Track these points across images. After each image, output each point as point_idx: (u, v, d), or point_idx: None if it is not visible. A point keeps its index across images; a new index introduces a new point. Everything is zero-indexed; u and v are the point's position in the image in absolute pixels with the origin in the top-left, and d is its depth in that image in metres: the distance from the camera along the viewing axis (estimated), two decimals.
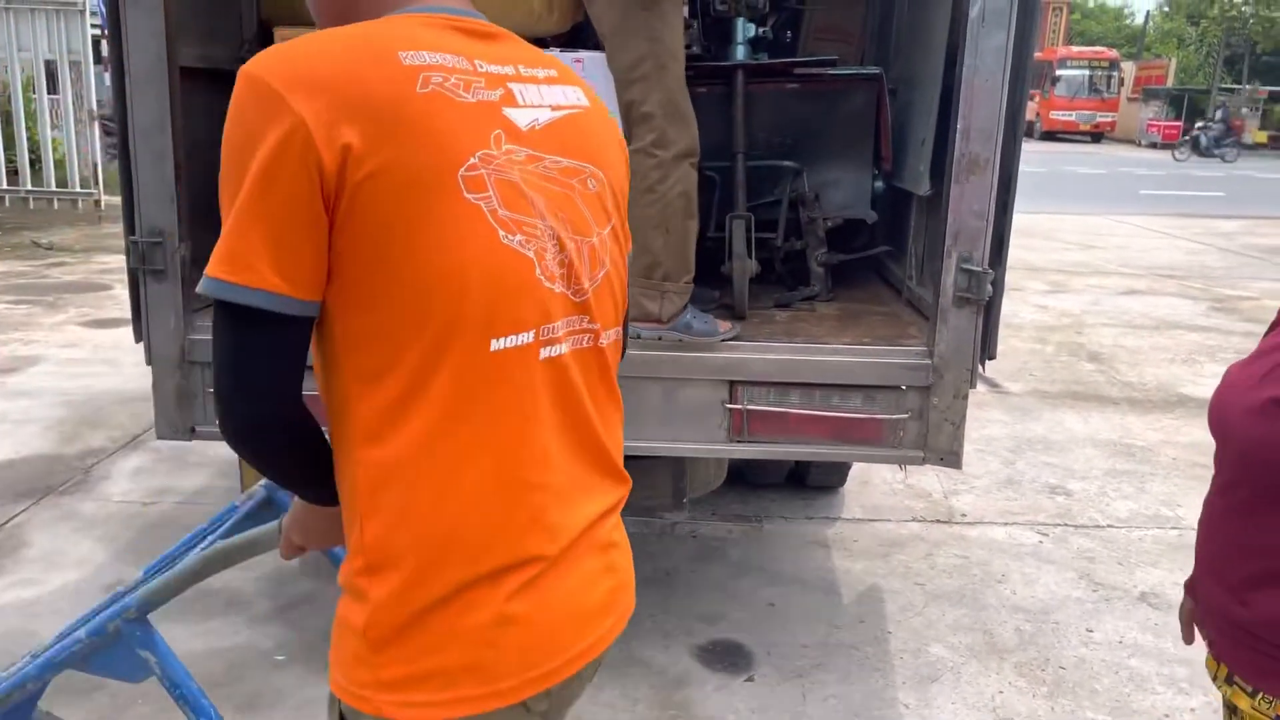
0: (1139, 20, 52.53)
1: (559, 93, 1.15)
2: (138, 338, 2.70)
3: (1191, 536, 4.21)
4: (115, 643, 1.59)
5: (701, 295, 2.76)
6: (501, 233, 1.02)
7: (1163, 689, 2.99)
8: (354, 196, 0.95)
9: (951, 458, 2.59)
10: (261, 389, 1.00)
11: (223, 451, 4.43)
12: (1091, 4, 53.11)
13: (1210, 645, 1.43)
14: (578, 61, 2.55)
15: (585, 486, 1.15)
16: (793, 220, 3.14)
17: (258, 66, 0.97)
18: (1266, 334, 1.43)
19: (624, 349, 1.27)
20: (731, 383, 2.58)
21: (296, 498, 1.25)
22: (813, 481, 4.17)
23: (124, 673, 1.67)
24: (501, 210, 1.02)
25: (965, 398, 2.57)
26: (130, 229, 2.58)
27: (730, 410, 2.59)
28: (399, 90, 0.97)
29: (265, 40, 3.11)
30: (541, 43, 2.62)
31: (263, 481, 1.99)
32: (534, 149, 1.07)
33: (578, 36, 2.65)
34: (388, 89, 0.97)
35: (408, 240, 0.97)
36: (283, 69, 0.96)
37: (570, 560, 1.11)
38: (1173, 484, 4.62)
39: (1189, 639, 1.71)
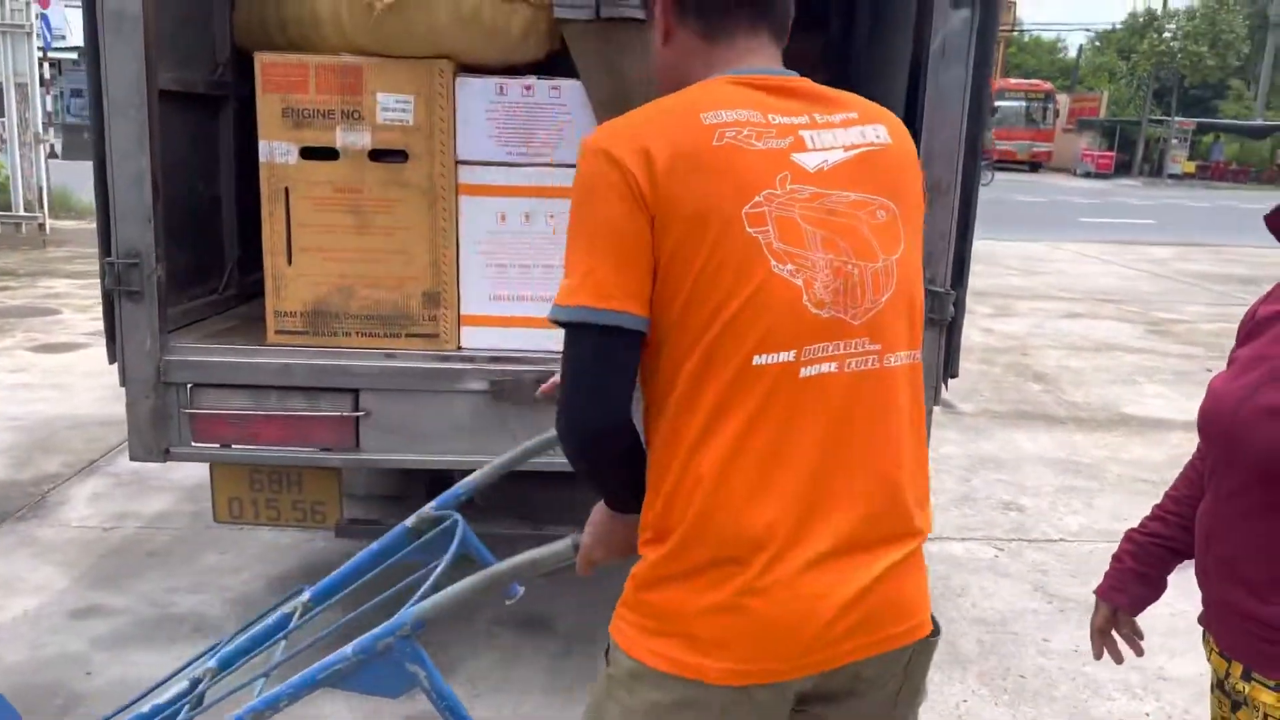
0: (1072, 54, 54.21)
1: (857, 133, 1.28)
2: (111, 359, 2.69)
3: None
4: (384, 659, 1.61)
5: None
6: (774, 263, 1.17)
7: (1118, 694, 3.10)
8: (661, 227, 1.16)
9: None
10: (607, 399, 1.18)
11: (185, 476, 4.39)
12: (1027, 38, 54.67)
13: (1218, 645, 1.47)
14: (555, 89, 2.62)
15: (844, 504, 1.21)
16: None
17: (591, 138, 1.21)
18: (1237, 346, 1.49)
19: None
20: None
21: (599, 514, 1.37)
22: None
23: (386, 688, 1.68)
24: (777, 243, 1.18)
25: (930, 414, 2.66)
26: (106, 250, 2.59)
27: None
28: (698, 143, 1.18)
29: (239, 64, 3.14)
30: (520, 70, 2.69)
31: (432, 504, 1.98)
32: (820, 187, 1.22)
33: (558, 66, 2.72)
34: (689, 143, 1.17)
35: (695, 264, 1.16)
36: (608, 135, 1.21)
37: (813, 574, 1.19)
38: (1119, 499, 4.79)
39: (1099, 653, 1.73)
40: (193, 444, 2.72)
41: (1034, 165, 35.25)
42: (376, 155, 2.62)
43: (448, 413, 2.69)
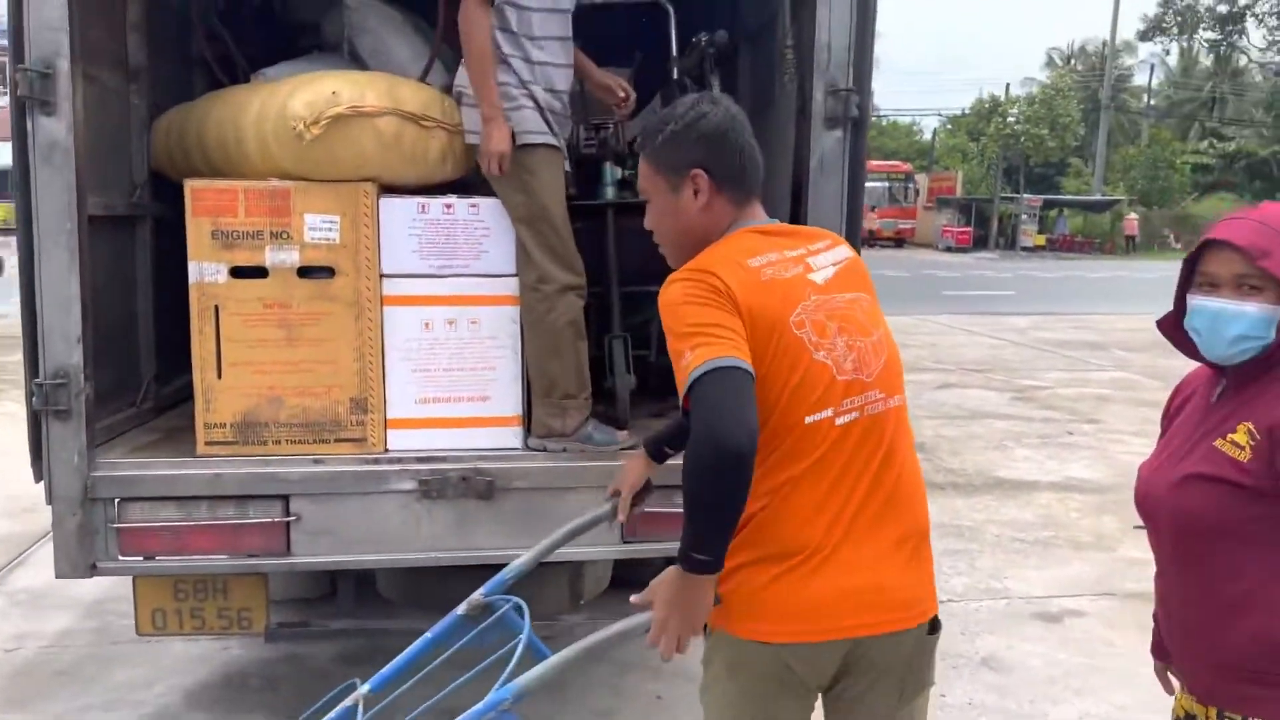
0: (928, 136, 57.62)
1: (834, 253, 1.88)
2: (38, 478, 2.72)
3: (1020, 605, 4.66)
4: None
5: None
6: (813, 352, 1.71)
7: None
8: (745, 325, 1.67)
9: None
10: (751, 423, 1.56)
11: (84, 592, 4.31)
12: (885, 122, 57.89)
13: (1195, 696, 1.73)
14: (474, 207, 2.83)
15: (864, 513, 1.73)
16: (662, 337, 3.47)
17: (682, 270, 1.75)
18: (1160, 436, 1.84)
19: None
20: None
21: (677, 584, 1.66)
22: None
23: None
24: (813, 337, 1.72)
25: None
26: (34, 372, 2.64)
27: None
28: (752, 280, 1.72)
29: (156, 188, 3.26)
30: (439, 189, 2.89)
31: (481, 591, 2.10)
32: (827, 294, 1.78)
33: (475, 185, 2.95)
34: (746, 280, 1.71)
35: (766, 358, 1.67)
36: (697, 266, 1.73)
37: (832, 566, 1.70)
38: (998, 559, 5.14)
39: (1167, 689, 1.98)
40: (120, 558, 2.75)
41: (899, 241, 37.09)
42: (304, 272, 2.76)
43: (377, 513, 2.81)
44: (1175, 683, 1.85)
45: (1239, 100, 50.18)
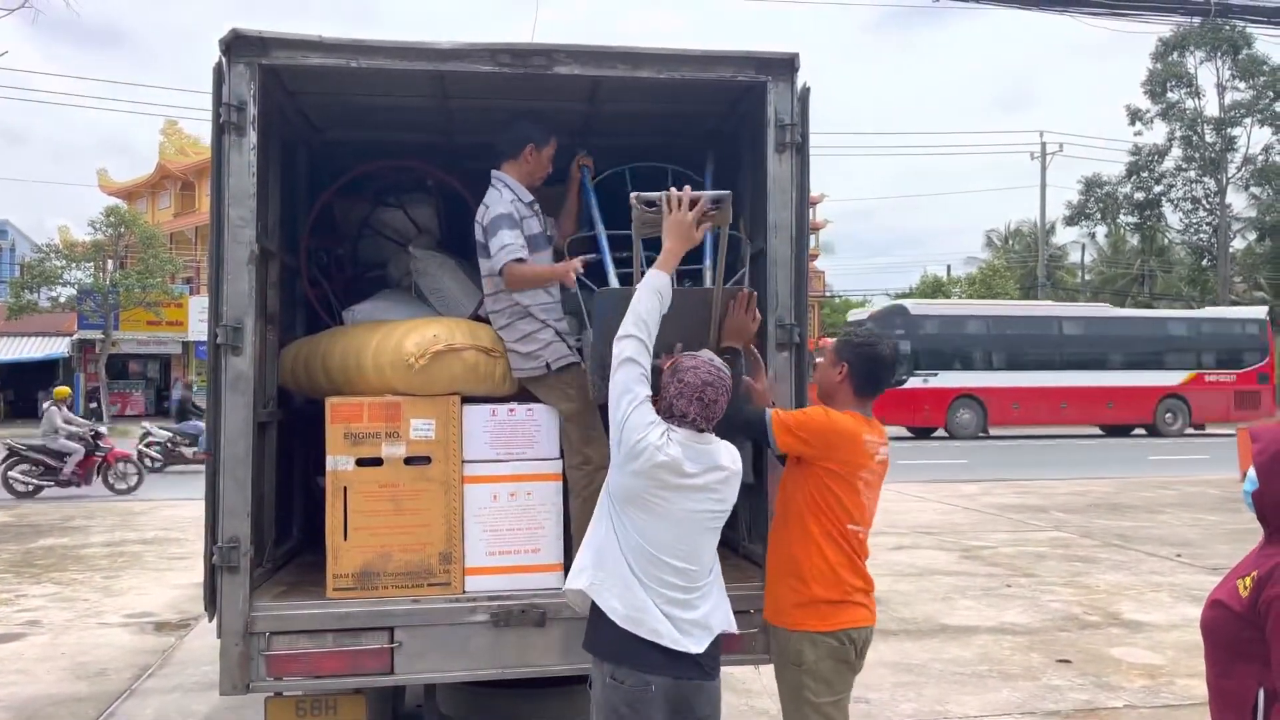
0: None
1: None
2: (211, 616, 3.67)
3: None
4: None
5: None
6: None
7: None
8: None
9: None
10: None
11: None
12: (838, 300, 61.00)
13: None
14: (530, 410, 3.94)
15: None
16: None
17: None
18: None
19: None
20: None
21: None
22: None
23: None
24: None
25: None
26: (213, 538, 3.64)
27: None
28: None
29: (281, 397, 4.35)
30: (503, 399, 4.02)
31: None
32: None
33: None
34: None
35: None
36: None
37: None
38: (941, 689, 6.07)
39: None
40: (267, 678, 3.67)
41: None
42: (409, 460, 3.83)
43: (460, 639, 3.77)
44: None
45: (1167, 276, 53.69)
